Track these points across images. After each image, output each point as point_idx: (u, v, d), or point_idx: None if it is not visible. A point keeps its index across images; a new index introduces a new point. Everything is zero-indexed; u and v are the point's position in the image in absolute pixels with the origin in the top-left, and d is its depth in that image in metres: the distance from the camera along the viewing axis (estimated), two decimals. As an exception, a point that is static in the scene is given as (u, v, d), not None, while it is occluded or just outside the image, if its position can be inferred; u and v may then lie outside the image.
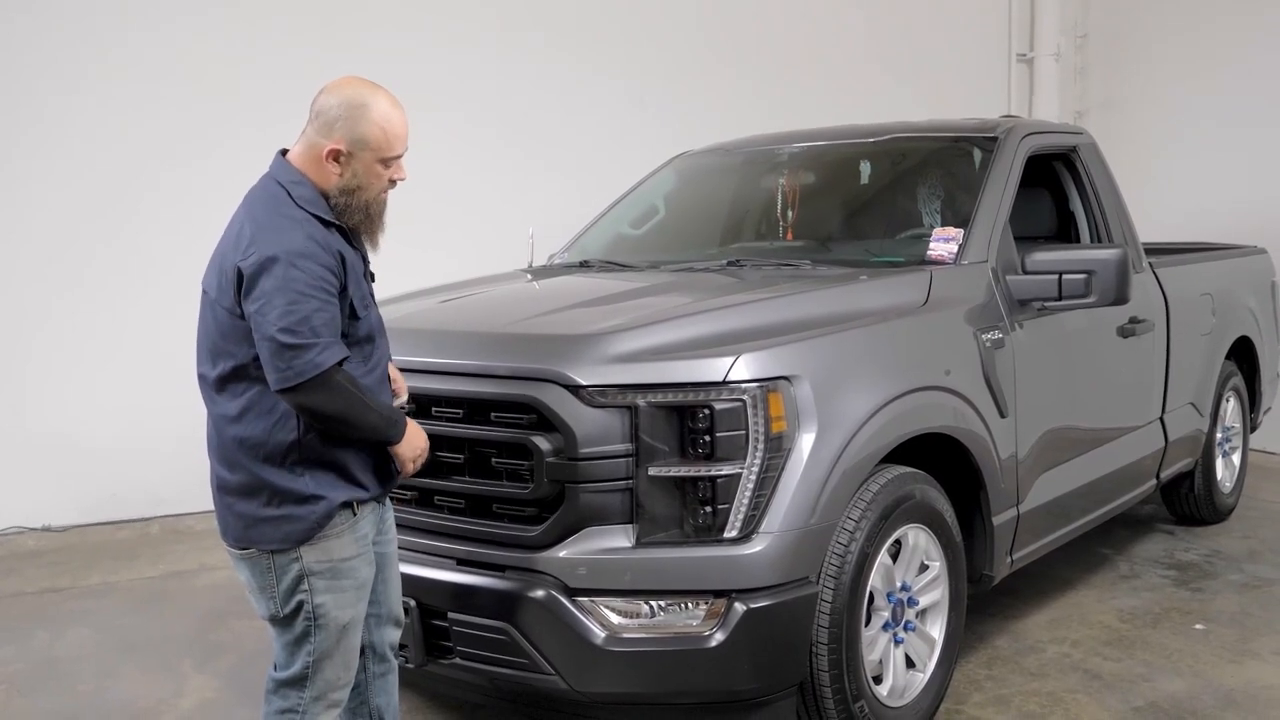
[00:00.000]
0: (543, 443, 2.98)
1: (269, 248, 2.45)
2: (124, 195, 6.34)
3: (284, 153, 2.66)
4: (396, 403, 2.80)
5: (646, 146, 6.30)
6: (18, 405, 6.23)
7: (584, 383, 2.98)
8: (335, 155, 2.56)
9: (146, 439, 6.37)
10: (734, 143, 5.31)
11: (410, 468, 2.72)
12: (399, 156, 2.62)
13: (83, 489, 6.33)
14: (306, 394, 2.44)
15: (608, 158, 7.12)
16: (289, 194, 2.56)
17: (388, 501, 2.87)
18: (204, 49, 6.48)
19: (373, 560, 2.73)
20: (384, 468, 2.71)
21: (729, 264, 4.28)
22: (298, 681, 2.66)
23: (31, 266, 6.21)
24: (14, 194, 6.17)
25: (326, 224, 2.56)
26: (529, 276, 4.50)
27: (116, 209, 6.34)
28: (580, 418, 2.96)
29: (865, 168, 4.80)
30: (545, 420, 2.99)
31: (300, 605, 2.61)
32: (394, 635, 2.95)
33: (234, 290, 2.49)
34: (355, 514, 2.64)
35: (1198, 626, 4.46)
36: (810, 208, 4.88)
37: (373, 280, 2.81)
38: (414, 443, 2.69)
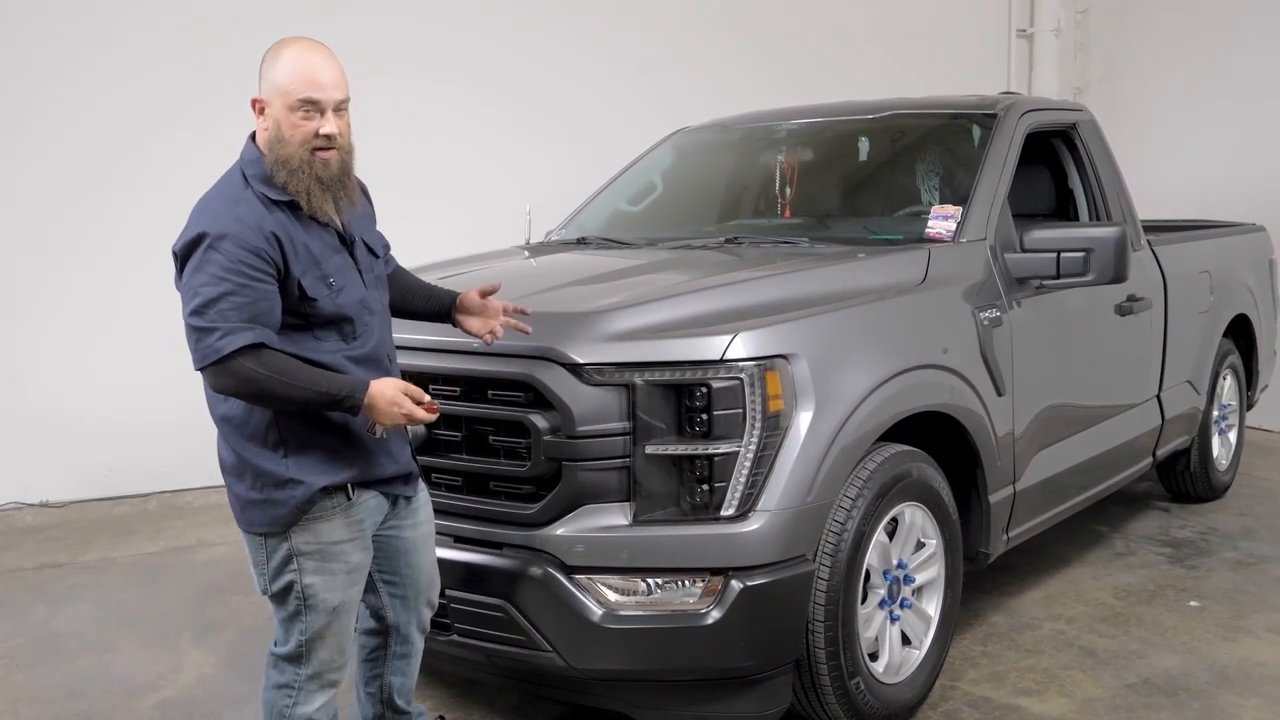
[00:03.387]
0: (540, 421, 2.98)
1: (193, 230, 2.44)
2: (119, 169, 6.32)
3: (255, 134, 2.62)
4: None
5: (645, 121, 6.28)
6: (15, 380, 6.23)
7: (581, 361, 2.97)
8: (257, 106, 2.53)
9: (144, 414, 6.38)
10: (732, 119, 5.28)
11: (392, 421, 2.51)
12: (316, 102, 2.48)
13: (81, 464, 6.34)
14: (214, 377, 2.44)
15: (606, 132, 7.10)
16: (243, 173, 2.54)
17: (420, 485, 2.85)
18: (199, 26, 6.43)
19: (368, 547, 2.69)
20: (384, 451, 2.66)
21: (727, 241, 4.27)
22: (294, 659, 2.68)
23: (26, 240, 6.20)
24: (8, 169, 6.15)
25: (275, 203, 2.50)
26: (526, 253, 4.49)
27: (112, 183, 6.31)
28: (577, 396, 2.96)
29: (864, 144, 4.79)
30: (542, 398, 2.99)
31: (290, 585, 2.61)
32: (425, 616, 2.94)
33: (177, 271, 2.50)
34: (350, 498, 2.60)
35: (1192, 603, 4.48)
36: (808, 185, 4.86)
37: (376, 255, 2.75)
38: (387, 404, 2.49)
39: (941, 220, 3.98)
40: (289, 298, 2.48)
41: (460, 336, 3.05)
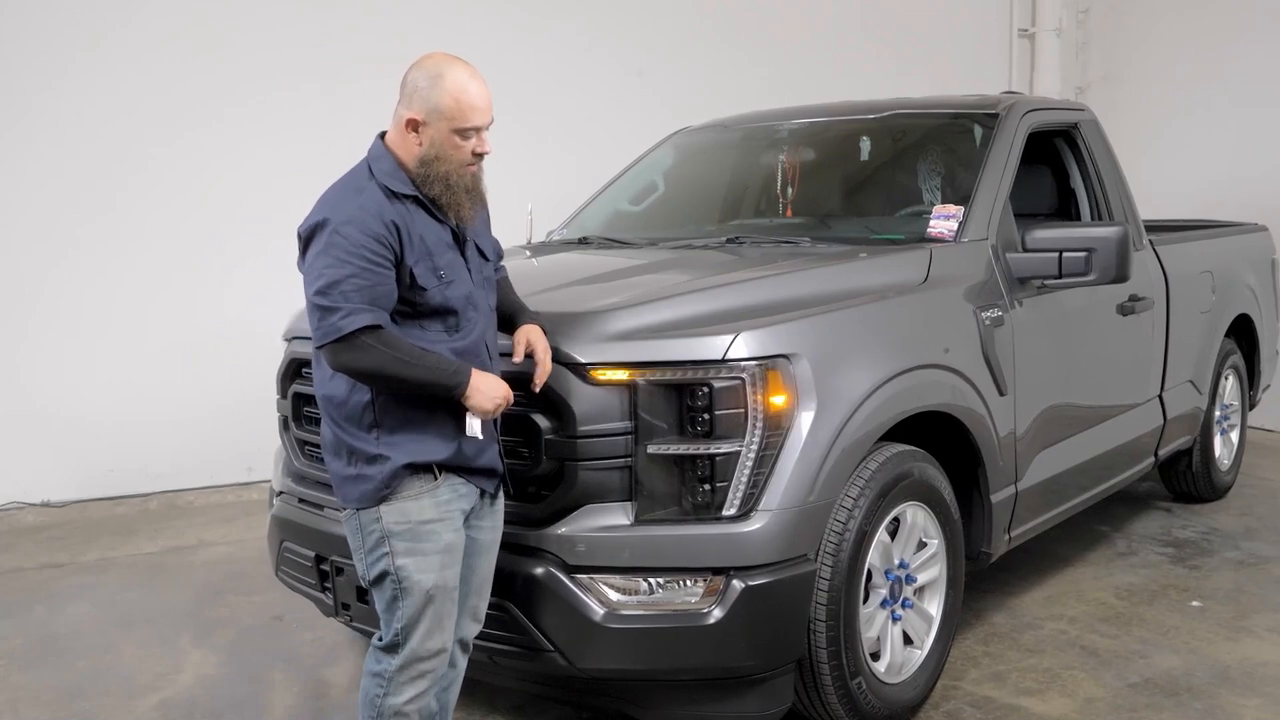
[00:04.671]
0: (542, 420, 2.98)
1: (319, 214, 2.59)
2: (120, 169, 6.32)
3: (383, 135, 2.75)
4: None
5: (646, 121, 6.28)
6: (16, 380, 6.22)
7: (583, 360, 2.97)
8: (414, 125, 2.65)
9: (145, 414, 6.38)
10: (733, 118, 5.28)
11: (494, 403, 2.66)
12: (478, 128, 2.66)
13: (81, 464, 6.34)
14: (333, 354, 2.56)
15: (606, 133, 7.10)
16: (369, 167, 2.68)
17: (500, 493, 2.89)
18: (199, 26, 6.43)
19: (459, 529, 2.75)
20: (471, 444, 2.72)
21: (728, 241, 4.26)
22: (390, 649, 2.73)
23: (27, 240, 6.19)
24: (9, 169, 6.14)
25: (397, 195, 2.62)
26: (528, 253, 4.49)
27: (112, 183, 6.31)
28: (579, 395, 2.95)
29: (865, 144, 4.78)
30: (545, 398, 2.98)
31: (385, 568, 2.68)
32: (467, 629, 2.93)
33: (300, 254, 2.63)
34: (436, 478, 2.69)
35: (1194, 603, 4.47)
36: (810, 184, 4.86)
37: (486, 258, 2.85)
38: (486, 392, 2.65)
39: (943, 220, 3.98)
40: (400, 285, 2.60)
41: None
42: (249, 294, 6.43)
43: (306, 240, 2.61)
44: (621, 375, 2.96)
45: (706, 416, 2.94)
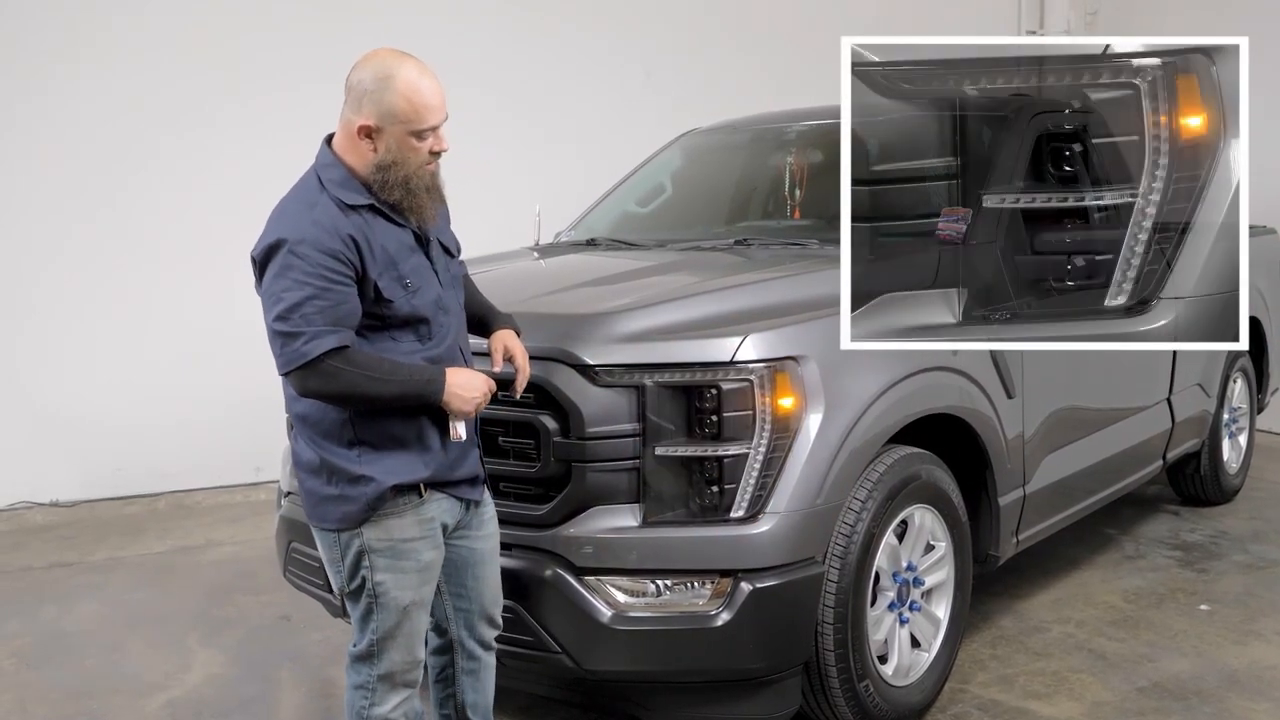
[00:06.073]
0: (550, 422, 2.98)
1: (272, 235, 2.47)
2: (121, 168, 6.33)
3: (330, 138, 2.63)
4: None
5: (654, 123, 6.27)
6: (25, 380, 6.24)
7: (591, 362, 2.97)
8: (366, 131, 2.52)
9: (153, 414, 6.39)
10: (741, 120, 5.28)
11: (471, 405, 2.59)
12: (434, 127, 2.54)
13: (90, 464, 6.35)
14: (300, 380, 2.46)
15: (614, 134, 7.10)
16: (319, 178, 2.56)
17: (486, 496, 2.84)
18: (200, 26, 6.44)
19: (439, 545, 2.69)
20: (455, 453, 2.66)
21: (736, 243, 4.26)
22: (366, 658, 2.69)
23: (33, 240, 6.21)
24: (16, 171, 6.16)
25: (351, 207, 2.51)
26: (536, 255, 4.49)
27: (114, 181, 6.32)
28: (587, 397, 2.96)
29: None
30: (552, 399, 2.99)
31: (363, 582, 2.62)
32: (487, 633, 2.91)
33: (256, 277, 2.52)
34: (422, 496, 2.62)
35: (1202, 607, 4.46)
36: (818, 186, 4.84)
37: (451, 254, 2.79)
38: (462, 393, 2.56)
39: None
40: (365, 300, 2.51)
41: (473, 339, 3.05)
42: (255, 293, 6.44)
43: (262, 263, 2.47)
44: (630, 377, 2.96)
45: (715, 418, 2.94)
